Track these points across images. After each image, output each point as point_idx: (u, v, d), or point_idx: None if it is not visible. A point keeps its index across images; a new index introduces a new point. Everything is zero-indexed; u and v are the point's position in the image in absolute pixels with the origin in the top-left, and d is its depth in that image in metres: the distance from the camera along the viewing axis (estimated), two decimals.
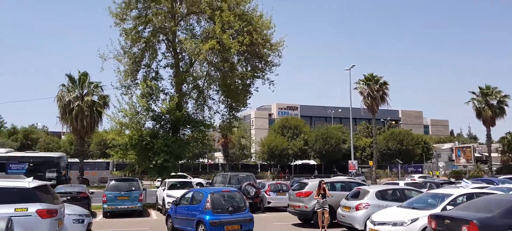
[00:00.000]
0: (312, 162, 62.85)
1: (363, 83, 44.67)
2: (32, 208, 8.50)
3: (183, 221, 12.96)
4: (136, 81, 23.98)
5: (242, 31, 22.77)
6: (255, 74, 24.97)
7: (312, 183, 15.75)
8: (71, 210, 11.20)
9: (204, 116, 25.54)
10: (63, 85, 38.08)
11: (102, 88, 38.78)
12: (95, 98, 38.37)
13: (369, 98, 44.06)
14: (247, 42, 22.25)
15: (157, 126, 24.05)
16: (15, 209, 8.35)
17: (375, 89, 44.04)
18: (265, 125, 79.18)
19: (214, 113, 25.86)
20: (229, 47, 21.90)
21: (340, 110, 75.18)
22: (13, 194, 8.67)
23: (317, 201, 13.82)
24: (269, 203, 20.81)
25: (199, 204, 12.37)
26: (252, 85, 25.46)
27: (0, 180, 9.45)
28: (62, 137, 64.46)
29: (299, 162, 61.35)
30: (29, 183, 9.08)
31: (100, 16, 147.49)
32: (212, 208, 11.85)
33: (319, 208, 13.74)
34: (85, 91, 38.30)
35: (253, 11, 24.47)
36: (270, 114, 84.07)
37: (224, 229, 11.64)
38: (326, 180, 15.04)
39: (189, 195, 13.68)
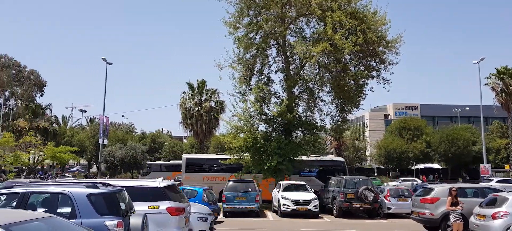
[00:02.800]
0: (436, 165, 57.90)
1: (495, 78, 40.11)
2: (163, 205, 9.17)
3: None
4: (250, 86, 24.72)
5: (355, 30, 22.03)
6: (369, 73, 23.92)
7: (438, 189, 14.41)
8: (195, 209, 11.89)
9: (315, 118, 25.33)
10: (184, 92, 41.52)
11: (218, 95, 41.29)
12: (213, 104, 40.98)
13: (503, 94, 39.58)
14: (361, 41, 21.44)
15: (270, 129, 24.54)
16: (148, 206, 9.09)
17: (510, 84, 39.11)
18: (380, 126, 75.50)
19: (326, 115, 25.51)
20: (341, 48, 21.33)
21: (467, 108, 68.24)
22: (146, 193, 9.45)
23: (453, 211, 11.94)
24: (389, 209, 19.62)
25: None
26: (366, 85, 24.47)
27: (136, 180, 10.43)
28: (184, 140, 69.72)
29: (420, 166, 57.07)
30: (159, 183, 9.86)
31: (213, 28, 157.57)
32: None
33: (457, 220, 11.87)
34: (203, 97, 41.16)
35: (365, 8, 23.52)
36: (386, 115, 80.00)
37: None
38: (456, 185, 13.52)
39: None
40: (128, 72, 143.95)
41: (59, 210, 7.04)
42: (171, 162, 52.18)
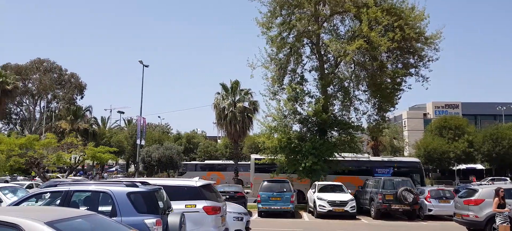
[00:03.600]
0: (479, 166, 55.45)
1: None
2: (200, 204, 9.23)
3: None
4: (283, 86, 24.54)
5: (392, 27, 21.46)
6: (407, 71, 23.22)
7: (483, 190, 13.72)
8: (231, 208, 11.89)
9: (351, 117, 24.87)
10: (218, 93, 41.86)
11: (251, 95, 41.39)
12: (246, 104, 41.10)
13: None
14: (398, 38, 20.84)
15: (304, 129, 24.29)
16: (185, 205, 9.17)
17: None
18: (419, 125, 73.19)
19: (362, 114, 24.99)
20: (378, 45, 20.81)
21: None
22: (183, 192, 9.53)
23: (499, 213, 11.43)
24: (430, 210, 18.92)
25: None
26: (403, 83, 23.76)
27: (173, 179, 10.55)
28: (218, 141, 70.41)
29: (462, 166, 54.84)
30: (196, 182, 9.93)
31: (246, 29, 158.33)
32: None
33: (504, 222, 11.35)
34: (237, 98, 41.37)
35: (402, 3, 22.86)
36: (425, 114, 77.52)
37: None
38: (503, 186, 12.85)
39: None
40: (164, 74, 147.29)
41: (100, 208, 7.21)
42: (206, 161, 52.86)
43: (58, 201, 7.60)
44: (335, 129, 24.06)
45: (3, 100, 49.78)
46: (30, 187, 20.66)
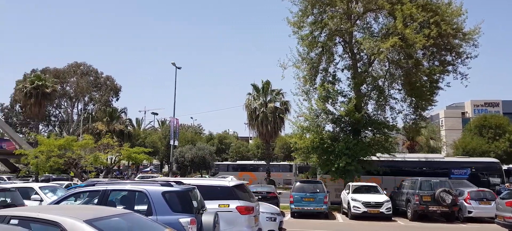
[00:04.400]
0: None
1: None
2: (233, 204, 9.24)
3: None
4: (315, 86, 24.24)
5: (428, 23, 20.80)
6: (445, 68, 22.43)
7: None
8: (264, 208, 11.84)
9: (386, 117, 24.27)
10: (249, 94, 42.02)
11: (283, 95, 41.28)
12: (277, 104, 41.04)
13: None
14: (435, 34, 20.18)
15: (337, 128, 23.91)
16: (218, 205, 9.20)
17: None
18: (457, 124, 70.71)
19: (397, 113, 24.34)
20: (413, 42, 20.24)
21: None
22: (216, 192, 9.58)
23: None
24: (469, 212, 18.17)
25: None
26: (440, 81, 22.99)
27: (206, 179, 10.61)
28: (250, 141, 70.64)
29: (504, 167, 52.61)
30: (229, 182, 9.95)
31: (278, 30, 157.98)
32: None
33: None
34: (268, 98, 41.36)
35: None
36: (463, 113, 74.89)
37: None
38: None
39: None
40: (195, 75, 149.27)
41: (136, 207, 7.32)
42: (238, 162, 53.13)
43: (96, 200, 7.80)
44: (369, 128, 23.55)
45: (42, 103, 51.84)
46: (68, 186, 21.37)
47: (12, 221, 4.60)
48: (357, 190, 19.68)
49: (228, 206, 9.20)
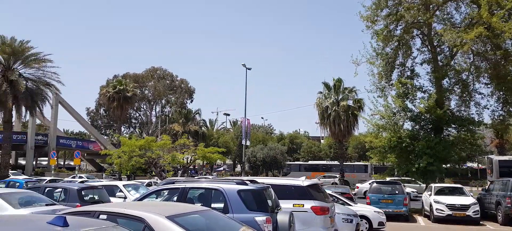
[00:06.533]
0: None
1: None
2: (307, 204, 9.04)
3: None
4: (391, 82, 23.21)
5: None
6: None
7: None
8: (340, 209, 11.47)
9: (471, 113, 22.51)
10: (320, 92, 41.35)
11: (356, 93, 40.05)
12: (350, 102, 39.89)
13: None
14: None
15: (417, 126, 22.70)
16: (293, 204, 9.06)
17: None
18: None
19: (483, 109, 22.48)
20: (501, 32, 18.59)
21: None
22: (290, 191, 9.44)
23: None
24: None
25: None
26: None
27: (279, 178, 10.52)
28: (322, 141, 69.70)
29: None
30: (303, 181, 9.77)
31: (348, 27, 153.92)
32: None
33: None
34: (340, 96, 40.37)
35: None
36: None
37: None
38: None
39: None
40: (265, 75, 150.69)
41: (212, 205, 7.43)
42: (310, 162, 52.64)
43: (175, 197, 8.07)
44: (453, 126, 21.96)
45: (124, 106, 55.50)
46: (149, 185, 22.58)
47: (101, 216, 4.86)
48: (440, 192, 18.43)
49: (303, 206, 9.02)
